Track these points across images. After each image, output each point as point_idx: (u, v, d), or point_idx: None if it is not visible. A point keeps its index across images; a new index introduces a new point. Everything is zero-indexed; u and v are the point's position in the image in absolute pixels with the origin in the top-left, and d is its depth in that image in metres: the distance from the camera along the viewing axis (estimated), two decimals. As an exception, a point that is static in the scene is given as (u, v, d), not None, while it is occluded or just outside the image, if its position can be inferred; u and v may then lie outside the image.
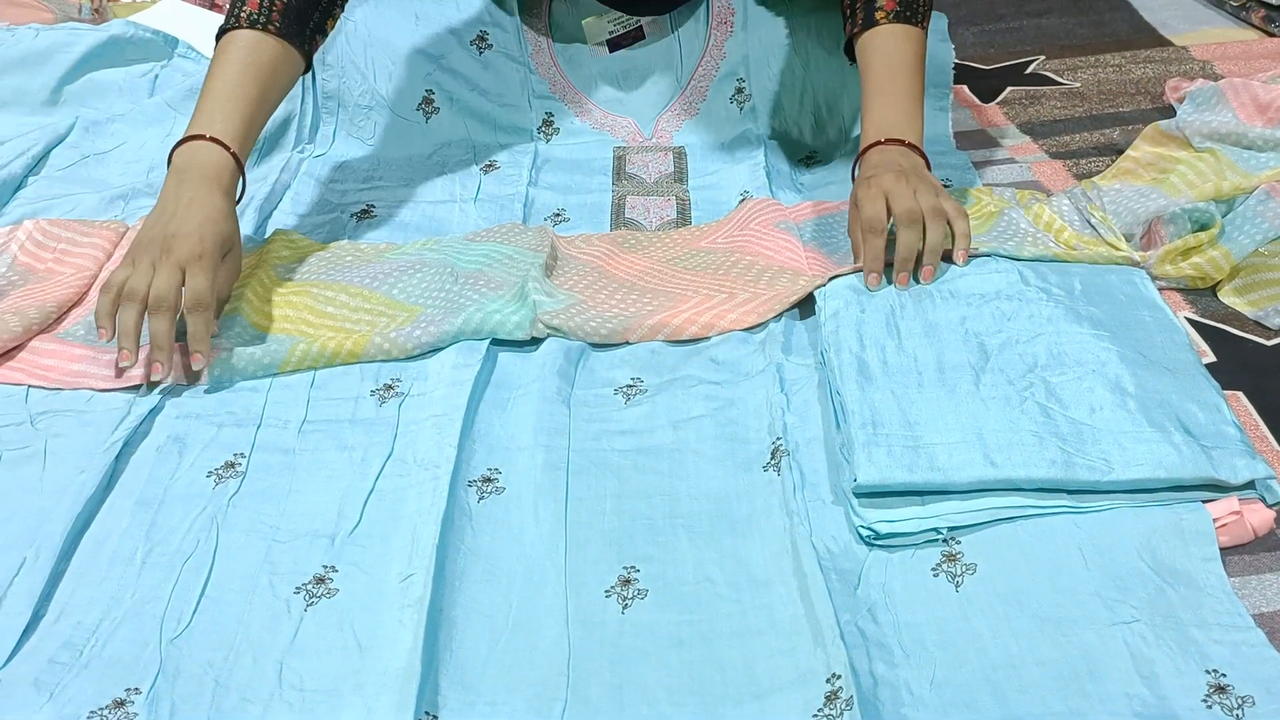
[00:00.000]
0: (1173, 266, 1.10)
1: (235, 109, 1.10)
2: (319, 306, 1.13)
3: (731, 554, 0.87)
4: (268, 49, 1.14)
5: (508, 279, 1.15)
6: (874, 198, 1.06)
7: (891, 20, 1.18)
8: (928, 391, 0.95)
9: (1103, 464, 0.86)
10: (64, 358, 1.07)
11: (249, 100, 1.11)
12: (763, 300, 1.09)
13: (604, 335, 1.07)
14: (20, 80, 1.47)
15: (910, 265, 1.06)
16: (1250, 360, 1.02)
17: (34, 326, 1.09)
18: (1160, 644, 0.76)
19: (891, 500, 0.87)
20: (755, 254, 1.18)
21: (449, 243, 1.24)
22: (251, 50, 1.13)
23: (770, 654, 0.79)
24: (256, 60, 1.13)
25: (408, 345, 1.07)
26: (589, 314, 1.08)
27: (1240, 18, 1.63)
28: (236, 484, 0.95)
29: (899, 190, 1.05)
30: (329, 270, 1.19)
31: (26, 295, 1.14)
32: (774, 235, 1.20)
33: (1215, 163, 1.20)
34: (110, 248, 1.22)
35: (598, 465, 0.96)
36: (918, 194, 1.05)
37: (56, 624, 0.83)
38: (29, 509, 0.92)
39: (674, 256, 1.21)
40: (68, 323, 1.13)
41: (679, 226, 1.28)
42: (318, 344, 1.07)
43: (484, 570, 0.86)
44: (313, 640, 0.82)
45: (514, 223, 1.27)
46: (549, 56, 1.43)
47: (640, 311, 1.10)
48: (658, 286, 1.15)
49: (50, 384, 1.05)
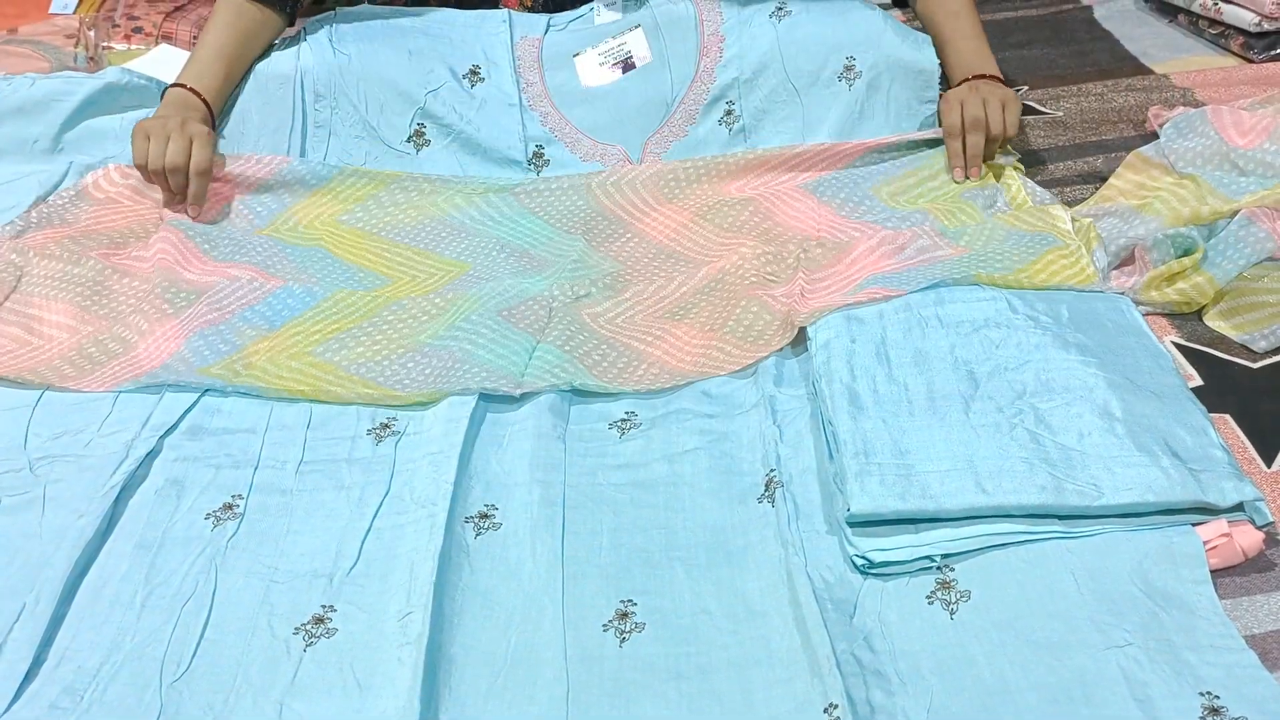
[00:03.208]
0: (1158, 292, 1.12)
1: (214, 68, 1.40)
2: (387, 255, 1.30)
3: (728, 586, 0.88)
4: (249, 14, 1.42)
5: (548, 258, 1.27)
6: (951, 109, 1.34)
7: None
8: (919, 420, 0.96)
9: (1092, 489, 0.87)
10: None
11: (226, 59, 1.41)
12: (747, 350, 1.12)
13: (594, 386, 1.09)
14: (18, 129, 1.48)
15: (977, 162, 1.32)
16: (1237, 383, 1.04)
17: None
18: (1154, 667, 0.77)
19: (885, 529, 0.88)
20: (776, 220, 1.28)
21: (502, 196, 1.37)
22: (236, 16, 1.42)
23: (768, 684, 0.80)
24: (238, 24, 1.42)
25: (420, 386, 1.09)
26: (580, 369, 1.10)
27: (1219, 45, 1.66)
28: (235, 526, 0.95)
29: (971, 101, 1.32)
30: (390, 229, 1.33)
31: (97, 220, 1.34)
32: (795, 199, 1.30)
33: (1196, 188, 1.22)
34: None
35: (594, 500, 0.96)
36: (986, 104, 1.31)
37: (58, 669, 0.84)
38: (29, 554, 0.92)
39: (707, 206, 1.31)
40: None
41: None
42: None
43: (482, 607, 0.87)
44: (312, 680, 0.82)
45: (560, 181, 1.39)
46: (541, 89, 1.45)
47: (631, 363, 1.12)
48: (683, 252, 1.27)
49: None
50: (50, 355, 1.14)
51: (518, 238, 1.31)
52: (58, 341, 1.16)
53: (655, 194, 1.35)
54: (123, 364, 1.12)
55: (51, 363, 1.13)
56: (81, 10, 1.85)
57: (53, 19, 1.87)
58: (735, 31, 1.44)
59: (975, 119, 1.31)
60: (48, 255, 1.24)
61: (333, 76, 1.43)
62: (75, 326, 1.17)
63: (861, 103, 1.40)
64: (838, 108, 1.40)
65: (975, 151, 1.32)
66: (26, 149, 1.48)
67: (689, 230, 1.30)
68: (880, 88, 1.40)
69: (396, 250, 1.30)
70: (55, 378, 1.11)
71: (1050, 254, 1.13)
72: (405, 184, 1.39)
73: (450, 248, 1.30)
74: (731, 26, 1.44)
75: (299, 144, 1.43)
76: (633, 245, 1.29)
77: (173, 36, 1.75)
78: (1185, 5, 1.71)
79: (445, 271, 1.26)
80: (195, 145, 1.31)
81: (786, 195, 1.33)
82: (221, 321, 1.17)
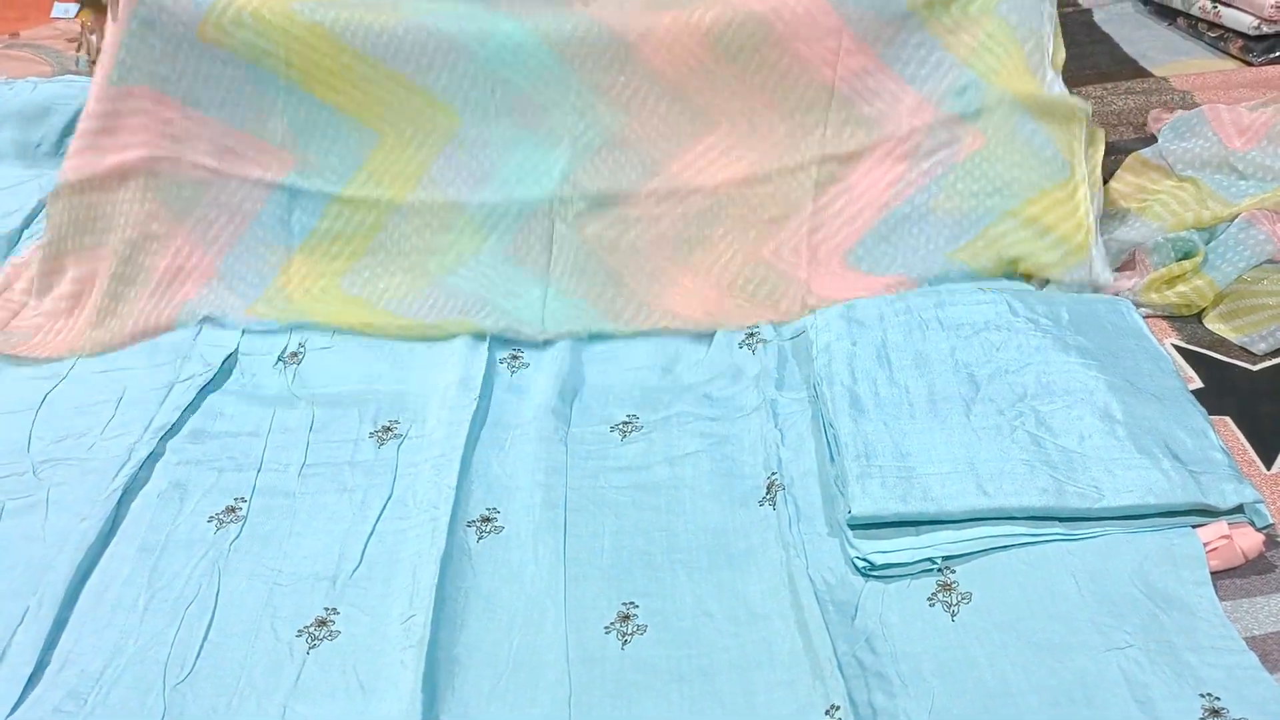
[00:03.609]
0: (1158, 295, 1.12)
1: None
2: (371, 89, 1.17)
3: (729, 588, 0.88)
4: None
5: (544, 105, 1.16)
6: None
7: None
8: (919, 422, 0.96)
9: (1093, 491, 0.87)
10: None
11: None
12: (758, 308, 1.13)
13: (613, 328, 1.13)
14: (20, 132, 1.49)
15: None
16: (1237, 385, 1.04)
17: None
18: (1155, 668, 0.77)
19: (886, 531, 0.88)
20: (787, 49, 1.14)
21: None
22: None
23: (770, 686, 0.80)
24: None
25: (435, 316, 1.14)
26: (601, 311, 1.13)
27: (1218, 48, 1.66)
28: (238, 529, 0.95)
29: None
30: (365, 36, 1.15)
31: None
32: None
33: (1196, 191, 1.22)
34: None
35: (595, 502, 0.97)
36: None
37: (61, 673, 0.84)
38: (32, 558, 0.92)
39: (714, 21, 1.14)
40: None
41: None
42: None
43: (484, 609, 0.87)
44: (315, 683, 0.82)
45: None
46: None
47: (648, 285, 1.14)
48: (691, 96, 1.15)
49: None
50: (81, 323, 1.18)
51: (505, 65, 1.17)
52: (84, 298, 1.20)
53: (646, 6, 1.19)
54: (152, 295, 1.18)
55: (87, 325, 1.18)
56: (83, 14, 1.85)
57: (54, 23, 1.88)
58: None
59: None
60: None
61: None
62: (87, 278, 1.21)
63: None
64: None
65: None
66: (29, 153, 1.49)
67: (699, 62, 1.15)
68: None
69: (379, 79, 1.16)
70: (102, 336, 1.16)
71: (1056, 191, 1.13)
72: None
73: (436, 77, 1.17)
74: None
75: None
76: (636, 82, 1.16)
77: (174, 40, 1.75)
78: (1184, 8, 1.71)
79: (435, 125, 1.17)
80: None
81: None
82: (237, 240, 1.19)
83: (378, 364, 1.14)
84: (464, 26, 1.16)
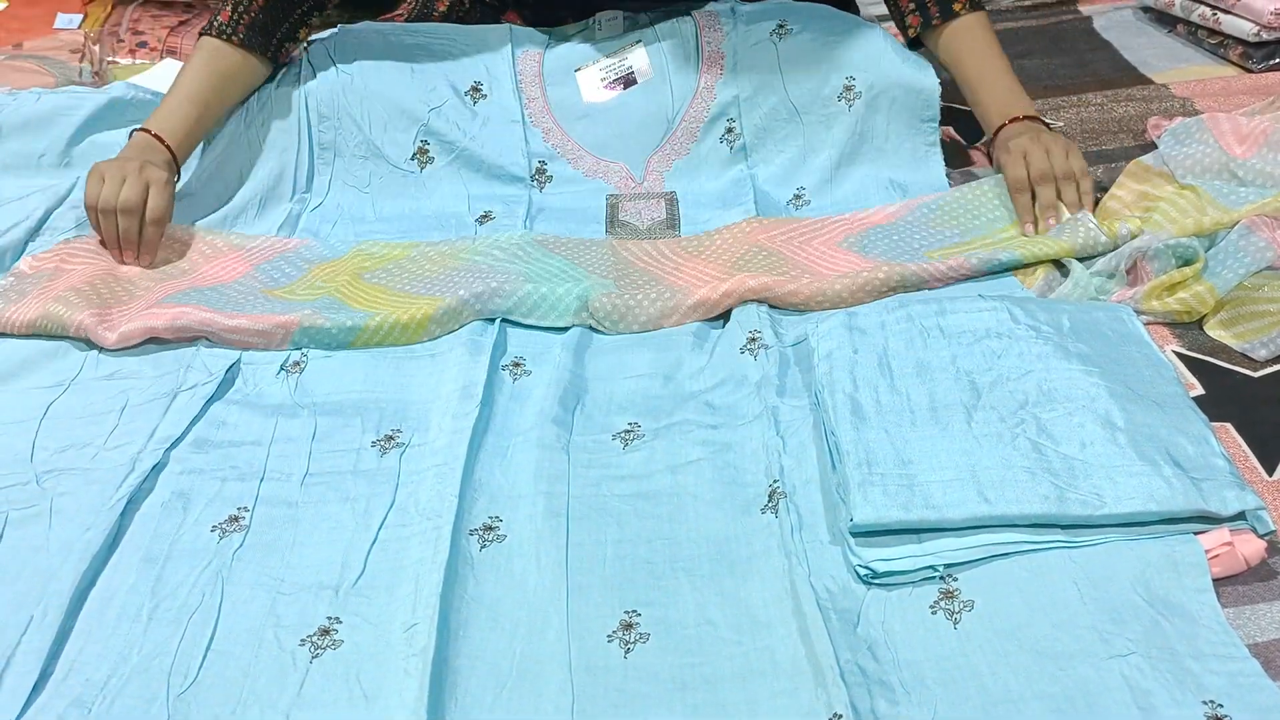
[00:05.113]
0: (1159, 302, 1.12)
1: (183, 111, 1.34)
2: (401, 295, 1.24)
3: (732, 596, 0.88)
4: (227, 58, 1.37)
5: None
6: (1015, 162, 1.26)
7: (968, 10, 1.38)
8: (921, 430, 0.96)
9: (1095, 498, 0.88)
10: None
11: (198, 104, 1.34)
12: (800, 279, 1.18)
13: (645, 321, 1.17)
14: (24, 144, 1.50)
15: (1047, 214, 1.24)
16: (1238, 392, 1.04)
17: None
18: (1157, 676, 0.77)
19: (888, 539, 0.88)
20: (816, 273, 1.21)
21: (524, 245, 1.28)
22: (213, 58, 1.36)
23: (772, 695, 0.80)
24: (216, 69, 1.36)
25: (472, 302, 1.18)
26: (637, 298, 1.18)
27: (1218, 55, 1.66)
28: (241, 538, 0.96)
29: (1035, 154, 1.25)
30: (410, 282, 1.25)
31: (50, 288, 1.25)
32: (836, 255, 1.24)
33: (1196, 198, 1.22)
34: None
35: (598, 511, 0.97)
36: (1050, 155, 1.25)
37: (65, 681, 0.84)
38: (36, 567, 0.93)
39: (737, 257, 1.23)
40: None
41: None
42: (393, 315, 1.17)
43: (487, 618, 0.87)
44: (319, 692, 0.82)
45: (583, 238, 1.33)
46: (543, 105, 1.46)
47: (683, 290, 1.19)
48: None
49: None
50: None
51: (544, 274, 1.25)
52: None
53: (678, 251, 1.28)
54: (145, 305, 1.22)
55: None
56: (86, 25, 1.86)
57: (58, 34, 1.89)
58: (735, 48, 1.44)
59: (1042, 172, 1.24)
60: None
61: (336, 96, 1.44)
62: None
63: (861, 122, 1.40)
64: (838, 128, 1.41)
65: (1049, 202, 1.23)
66: (33, 164, 1.49)
67: (723, 280, 1.22)
68: (880, 109, 1.41)
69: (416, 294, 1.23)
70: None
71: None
72: (427, 250, 1.31)
73: (472, 292, 1.21)
74: (731, 44, 1.44)
75: (306, 164, 1.44)
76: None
77: (177, 51, 1.76)
78: (1184, 15, 1.72)
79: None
80: (152, 191, 1.25)
81: (825, 252, 1.25)
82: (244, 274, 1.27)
83: (380, 372, 1.15)
84: (505, 256, 1.27)
